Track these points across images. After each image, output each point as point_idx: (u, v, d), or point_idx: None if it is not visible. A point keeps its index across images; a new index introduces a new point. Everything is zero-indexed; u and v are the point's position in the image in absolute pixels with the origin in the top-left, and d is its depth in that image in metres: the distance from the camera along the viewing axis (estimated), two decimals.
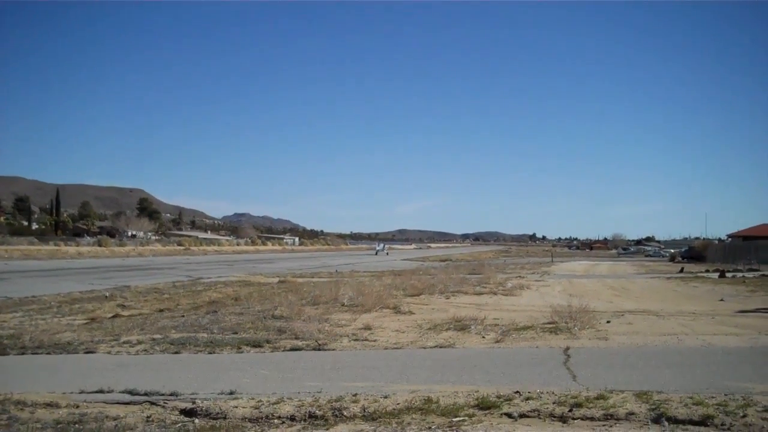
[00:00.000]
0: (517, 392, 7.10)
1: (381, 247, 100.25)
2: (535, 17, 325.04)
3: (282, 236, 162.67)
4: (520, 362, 9.49)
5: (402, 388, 7.54)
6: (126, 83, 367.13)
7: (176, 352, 10.42)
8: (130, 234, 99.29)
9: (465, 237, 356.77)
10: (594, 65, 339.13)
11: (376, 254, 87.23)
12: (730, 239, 67.36)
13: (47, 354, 10.28)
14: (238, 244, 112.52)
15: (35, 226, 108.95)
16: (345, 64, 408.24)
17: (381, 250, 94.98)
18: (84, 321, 14.19)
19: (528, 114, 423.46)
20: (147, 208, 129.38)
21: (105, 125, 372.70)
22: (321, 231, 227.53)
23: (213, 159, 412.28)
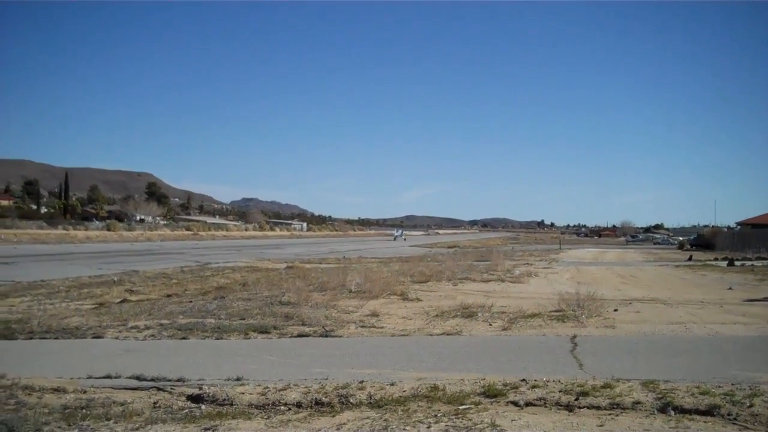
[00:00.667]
0: (524, 380, 7.10)
1: (399, 233, 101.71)
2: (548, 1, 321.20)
3: (290, 222, 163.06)
4: (527, 350, 9.49)
5: (408, 376, 7.55)
6: (136, 68, 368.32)
7: (184, 338, 10.49)
8: (139, 218, 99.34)
9: (473, 223, 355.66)
10: (604, 53, 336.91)
11: (395, 240, 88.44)
12: (740, 227, 66.89)
13: (55, 339, 10.37)
14: (247, 230, 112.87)
15: (44, 210, 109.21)
16: (354, 50, 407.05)
17: (399, 236, 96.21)
18: (92, 306, 14.26)
19: (538, 101, 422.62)
20: (155, 193, 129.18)
21: (114, 110, 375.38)
22: (329, 216, 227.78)
23: (221, 144, 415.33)
